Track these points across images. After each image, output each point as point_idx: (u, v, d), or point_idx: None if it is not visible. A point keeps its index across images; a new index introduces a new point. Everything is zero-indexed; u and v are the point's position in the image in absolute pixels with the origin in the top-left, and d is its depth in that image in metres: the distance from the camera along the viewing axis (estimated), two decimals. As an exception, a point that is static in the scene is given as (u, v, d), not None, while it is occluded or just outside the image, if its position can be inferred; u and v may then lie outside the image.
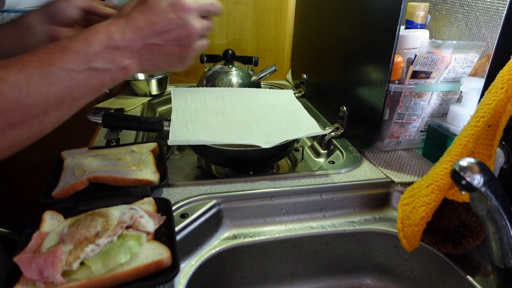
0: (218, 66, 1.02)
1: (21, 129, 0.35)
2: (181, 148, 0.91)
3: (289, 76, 1.31)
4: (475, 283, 0.51)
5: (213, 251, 0.56)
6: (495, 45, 0.54)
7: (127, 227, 0.45)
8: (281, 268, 0.63)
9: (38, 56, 0.36)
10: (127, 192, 0.58)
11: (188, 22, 0.43)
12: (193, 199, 0.59)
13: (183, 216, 0.56)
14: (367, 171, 0.70)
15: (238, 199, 0.61)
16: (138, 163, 0.62)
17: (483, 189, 0.39)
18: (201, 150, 0.74)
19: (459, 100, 0.73)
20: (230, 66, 1.01)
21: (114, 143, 0.74)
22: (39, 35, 0.54)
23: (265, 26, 1.27)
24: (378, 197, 0.66)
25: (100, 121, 0.72)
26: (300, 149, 0.84)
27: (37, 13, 0.55)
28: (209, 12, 0.47)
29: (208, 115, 0.78)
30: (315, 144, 0.87)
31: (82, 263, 0.39)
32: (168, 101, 1.16)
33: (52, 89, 0.36)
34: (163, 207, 0.53)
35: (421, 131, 0.76)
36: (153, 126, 0.73)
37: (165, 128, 0.73)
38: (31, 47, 0.54)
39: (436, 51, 0.66)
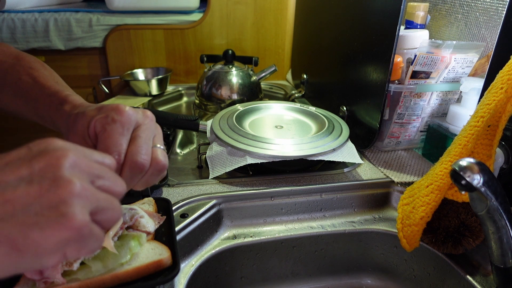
0: (218, 66, 1.02)
1: None
2: (181, 148, 0.91)
3: (289, 76, 1.31)
4: (475, 283, 0.51)
5: (213, 251, 0.56)
6: (494, 45, 0.54)
7: (128, 227, 0.45)
8: (281, 268, 0.63)
9: None
10: (127, 192, 0.58)
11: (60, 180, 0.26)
12: (193, 199, 0.60)
13: (183, 216, 0.56)
14: (367, 171, 0.70)
15: (238, 199, 0.61)
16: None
17: (482, 189, 0.39)
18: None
19: (458, 100, 0.73)
20: (230, 66, 1.01)
21: None
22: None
23: (265, 26, 1.27)
24: (378, 197, 0.67)
25: None
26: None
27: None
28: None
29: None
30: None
31: (82, 263, 0.40)
32: (168, 101, 1.16)
33: None
34: (163, 207, 0.53)
35: (421, 131, 0.76)
36: (189, 124, 0.75)
37: (200, 128, 0.74)
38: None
39: (436, 51, 0.66)
